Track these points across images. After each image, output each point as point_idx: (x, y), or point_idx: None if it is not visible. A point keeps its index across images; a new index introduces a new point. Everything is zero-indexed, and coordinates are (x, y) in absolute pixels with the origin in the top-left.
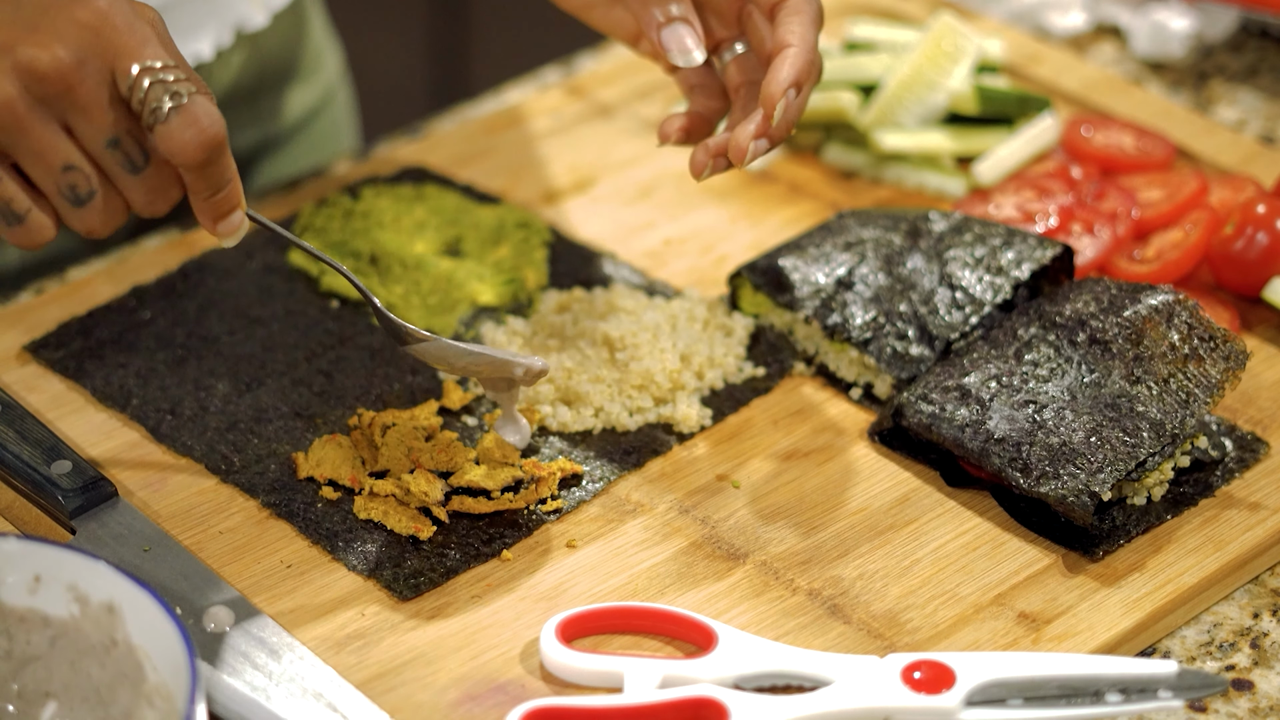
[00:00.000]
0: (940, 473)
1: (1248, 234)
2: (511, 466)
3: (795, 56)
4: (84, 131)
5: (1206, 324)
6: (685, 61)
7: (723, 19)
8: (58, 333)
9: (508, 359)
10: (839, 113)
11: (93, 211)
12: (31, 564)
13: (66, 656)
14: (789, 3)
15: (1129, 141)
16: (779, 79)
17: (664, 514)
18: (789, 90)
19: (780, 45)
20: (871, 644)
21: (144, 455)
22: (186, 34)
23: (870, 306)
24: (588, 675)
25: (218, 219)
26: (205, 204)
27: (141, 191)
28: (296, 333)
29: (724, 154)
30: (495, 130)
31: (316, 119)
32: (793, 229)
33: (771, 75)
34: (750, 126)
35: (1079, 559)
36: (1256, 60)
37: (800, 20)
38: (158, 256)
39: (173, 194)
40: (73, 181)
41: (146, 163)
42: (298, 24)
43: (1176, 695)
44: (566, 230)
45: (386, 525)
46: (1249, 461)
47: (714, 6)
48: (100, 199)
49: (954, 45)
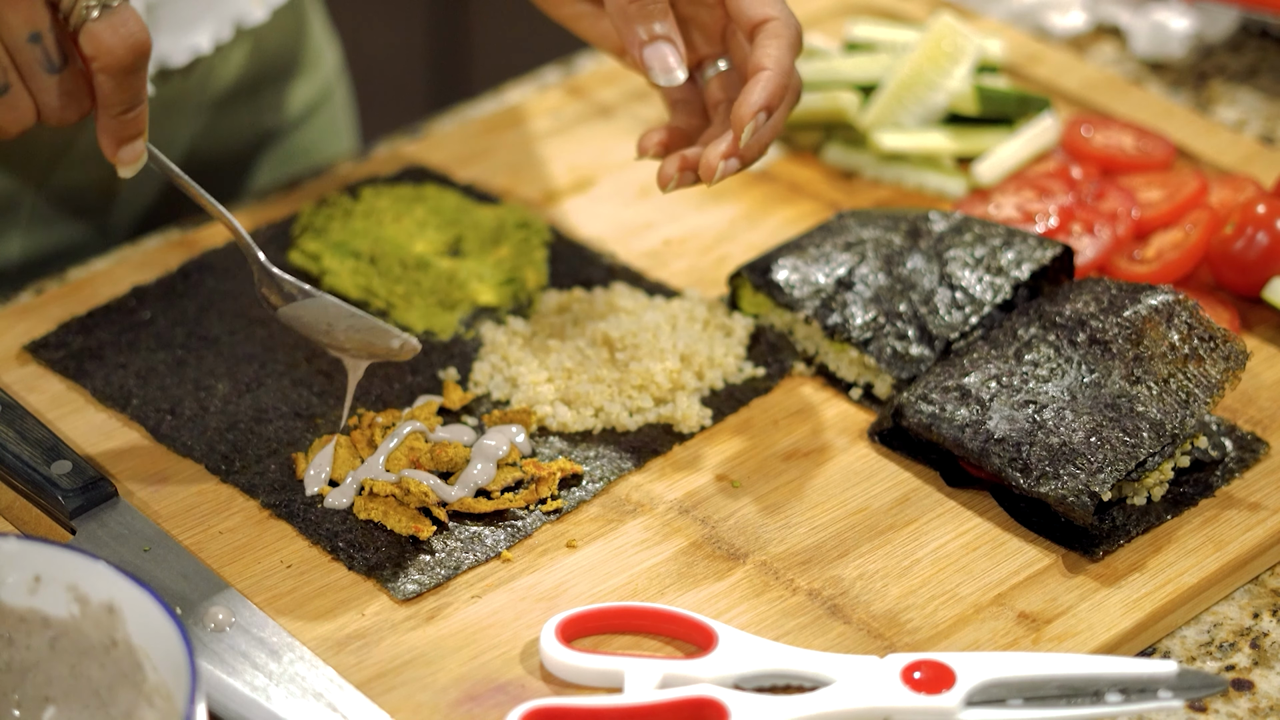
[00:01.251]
0: (940, 473)
1: (1248, 234)
2: (512, 466)
3: (768, 80)
4: (8, 21)
5: (1206, 324)
6: (667, 80)
7: (707, 36)
8: (58, 333)
9: (386, 329)
10: (839, 113)
11: (4, 105)
12: (31, 564)
13: (66, 658)
14: (768, 25)
15: (1129, 141)
16: (750, 102)
17: (664, 514)
18: (759, 114)
19: (755, 68)
20: (871, 644)
21: (144, 455)
22: (184, 27)
23: (870, 306)
24: (588, 675)
25: (122, 142)
26: (114, 121)
27: (55, 94)
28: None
29: (694, 169)
30: (495, 130)
31: (315, 115)
32: (793, 229)
33: (743, 98)
34: (721, 146)
35: (1079, 559)
36: (1256, 60)
37: (777, 44)
38: (158, 256)
39: (84, 104)
40: None
41: (64, 65)
42: (297, 20)
43: (1176, 695)
44: (566, 230)
45: (386, 525)
46: (1249, 461)
47: (699, 23)
48: (13, 95)
49: (954, 45)
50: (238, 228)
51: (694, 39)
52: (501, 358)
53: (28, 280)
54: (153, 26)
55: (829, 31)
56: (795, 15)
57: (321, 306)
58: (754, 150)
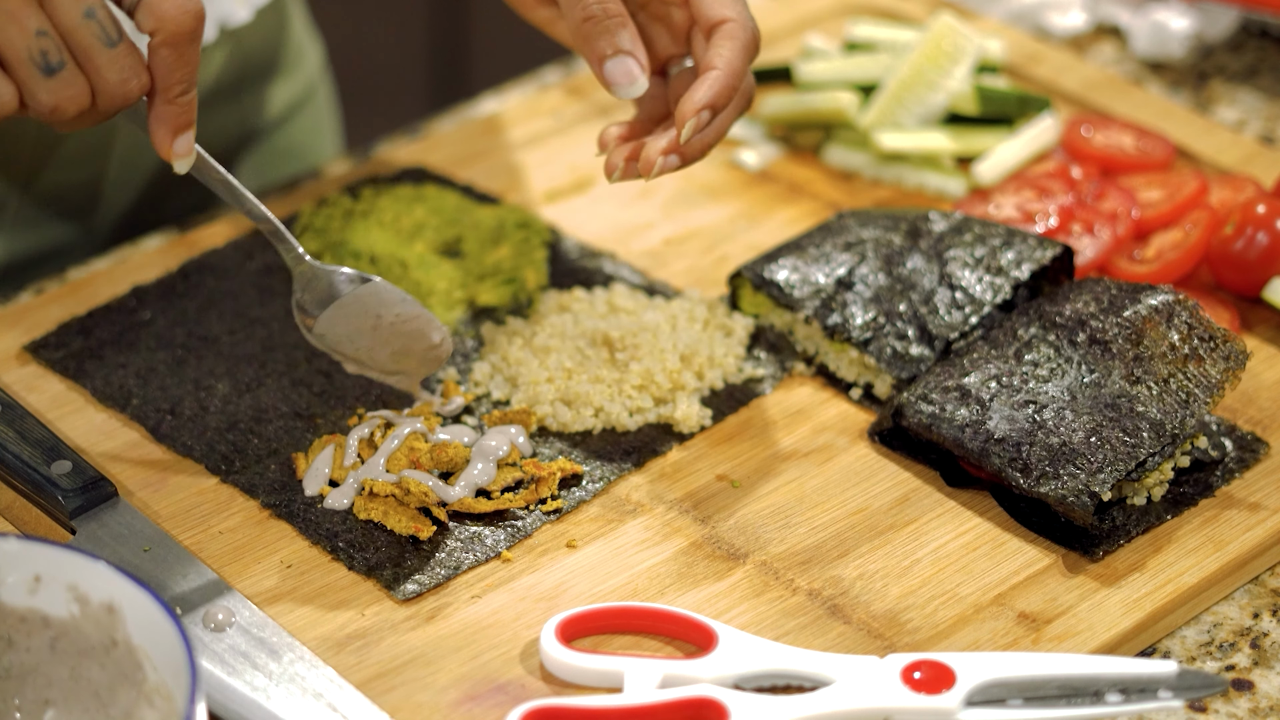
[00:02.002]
0: (940, 473)
1: (1248, 234)
2: (512, 466)
3: (715, 80)
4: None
5: (1206, 324)
6: (629, 94)
7: (674, 35)
8: (58, 333)
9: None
10: (839, 113)
11: (60, 83)
12: (31, 564)
13: (66, 659)
14: (724, 26)
15: (1129, 141)
16: (693, 99)
17: (664, 514)
18: (702, 112)
19: (705, 67)
20: (871, 644)
21: (144, 455)
22: None
23: (870, 306)
24: (588, 675)
25: (178, 130)
26: (171, 107)
27: (114, 70)
28: (296, 333)
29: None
30: (495, 130)
31: (298, 115)
32: (793, 229)
33: (688, 95)
34: (661, 142)
35: (1079, 559)
36: (1256, 60)
37: (730, 46)
38: (158, 256)
39: (144, 77)
40: (44, 47)
41: (120, 39)
42: (279, 20)
43: (1176, 695)
44: (566, 230)
45: (386, 525)
46: (1249, 461)
47: (668, 22)
48: (69, 72)
49: (954, 45)
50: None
51: (663, 38)
52: (501, 358)
53: (28, 280)
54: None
55: (829, 31)
56: (754, 19)
57: (375, 293)
58: (695, 149)
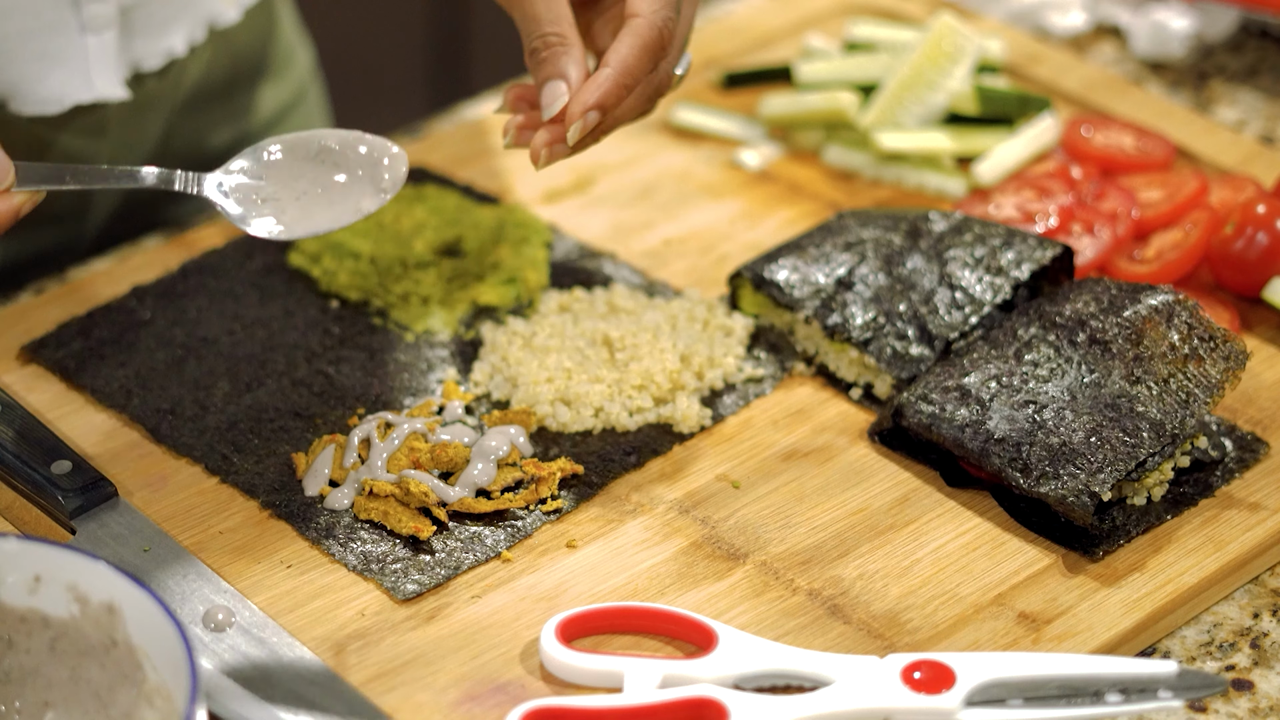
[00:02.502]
0: (940, 473)
1: (1248, 234)
2: (512, 466)
3: (605, 79)
4: None
5: (1206, 324)
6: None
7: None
8: (58, 333)
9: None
10: (839, 113)
11: None
12: (31, 564)
13: (66, 659)
14: (631, 21)
15: (1129, 141)
16: (580, 99)
17: (664, 514)
18: (589, 113)
19: (601, 64)
20: (871, 644)
21: (144, 455)
22: (159, 30)
23: (870, 306)
24: (588, 675)
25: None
26: None
27: None
28: (296, 333)
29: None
30: (495, 130)
31: (288, 117)
32: (793, 229)
33: (576, 94)
34: (547, 135)
35: (1079, 559)
36: (1256, 60)
37: (628, 43)
38: (158, 256)
39: None
40: None
41: None
42: (268, 21)
43: (1176, 695)
44: (566, 230)
45: (387, 525)
46: (1249, 461)
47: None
48: None
49: (954, 45)
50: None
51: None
52: (501, 358)
53: (28, 280)
54: (128, 30)
55: (829, 31)
56: (675, 17)
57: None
58: (583, 143)
